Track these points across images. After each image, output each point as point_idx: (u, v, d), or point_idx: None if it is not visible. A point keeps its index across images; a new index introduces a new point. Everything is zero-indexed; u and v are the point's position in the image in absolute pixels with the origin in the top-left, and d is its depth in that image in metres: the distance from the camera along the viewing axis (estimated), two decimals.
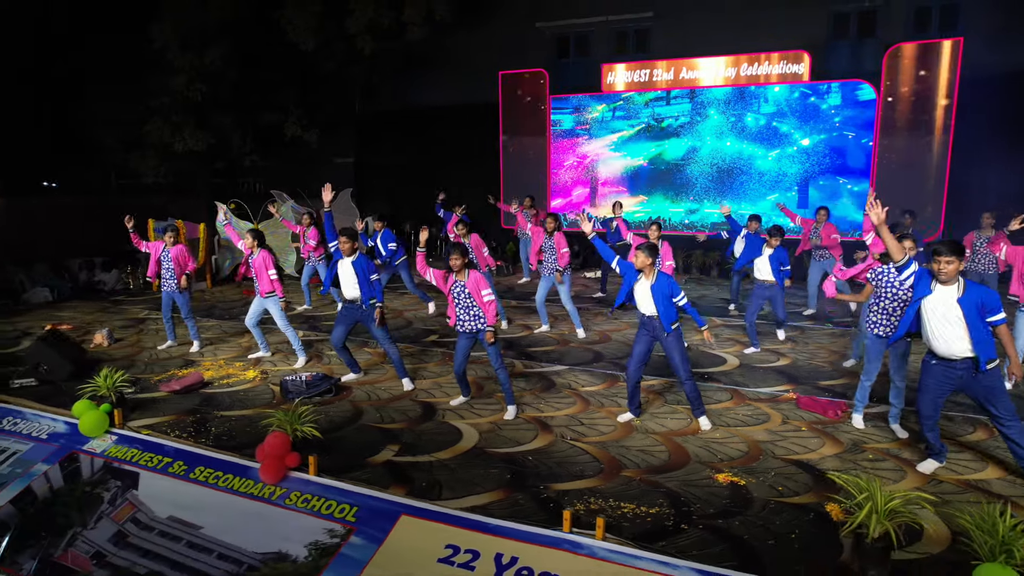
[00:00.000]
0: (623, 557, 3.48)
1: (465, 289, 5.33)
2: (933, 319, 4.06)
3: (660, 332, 5.02)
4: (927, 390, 4.17)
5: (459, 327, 5.43)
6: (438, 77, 17.31)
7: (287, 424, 4.52)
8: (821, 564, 3.34)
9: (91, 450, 5.00)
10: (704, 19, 14.77)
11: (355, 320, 6.13)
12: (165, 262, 7.38)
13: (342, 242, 5.94)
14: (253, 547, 3.86)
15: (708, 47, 13.82)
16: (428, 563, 3.60)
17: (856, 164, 12.52)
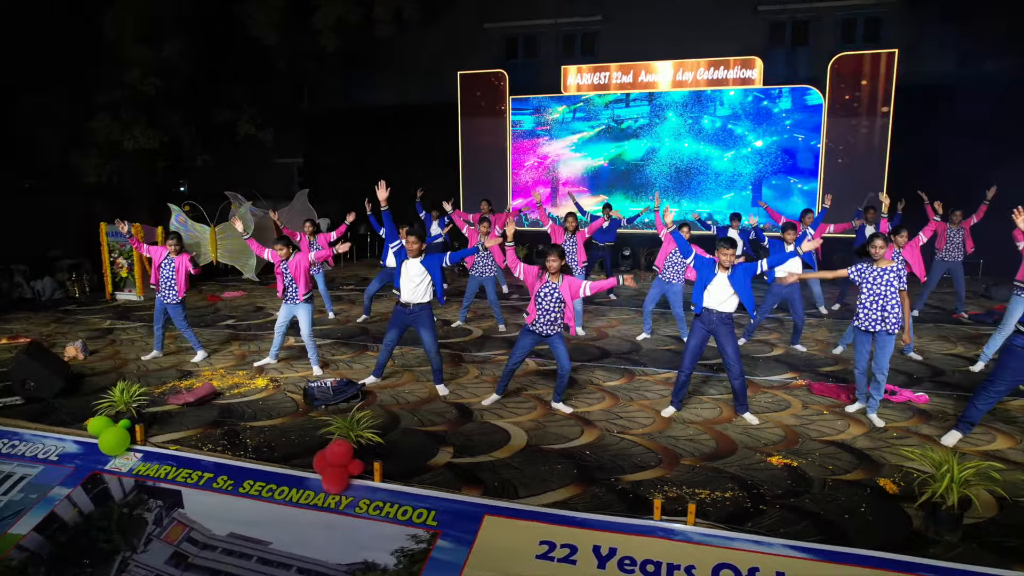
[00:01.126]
0: (718, 539, 3.63)
1: (557, 292, 5.28)
2: None
3: (718, 326, 5.16)
4: (1012, 371, 4.53)
5: (533, 327, 5.39)
6: (385, 76, 17.07)
7: (347, 431, 4.39)
8: (897, 533, 3.61)
9: (115, 469, 4.68)
10: (650, 24, 15.32)
11: (408, 324, 5.97)
12: (166, 270, 6.93)
13: (411, 242, 5.74)
14: (335, 559, 3.74)
15: (652, 51, 14.31)
16: (527, 561, 3.62)
17: (806, 165, 13.34)
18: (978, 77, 12.76)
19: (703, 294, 5.22)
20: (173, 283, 6.87)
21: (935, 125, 12.32)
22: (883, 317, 5.03)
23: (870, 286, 5.10)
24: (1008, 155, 11.55)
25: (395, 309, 6.01)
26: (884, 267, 5.05)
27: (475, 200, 14.35)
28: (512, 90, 15.21)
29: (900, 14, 14.75)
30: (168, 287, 6.87)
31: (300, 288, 6.43)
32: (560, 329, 5.37)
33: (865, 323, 5.12)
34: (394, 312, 6.03)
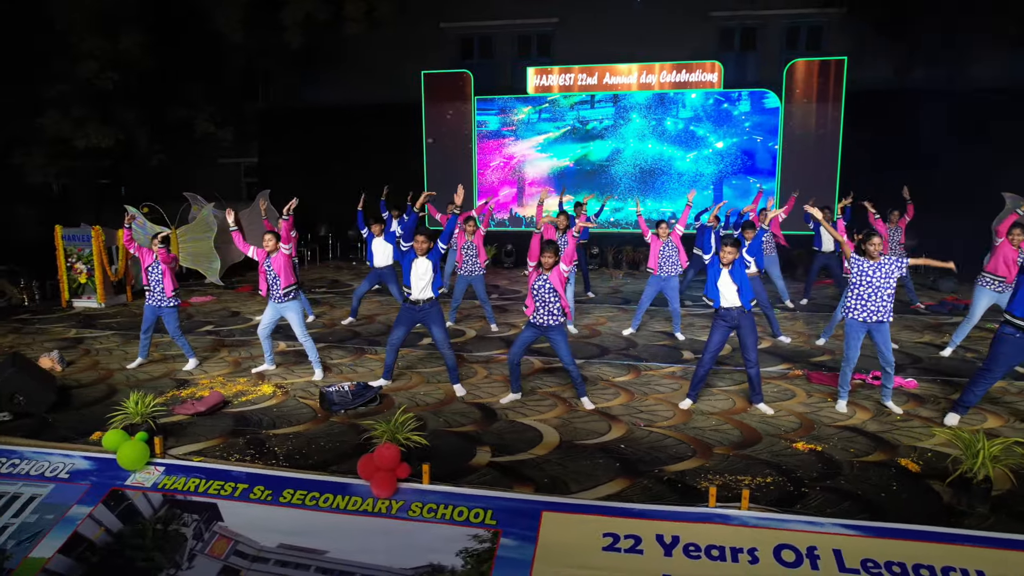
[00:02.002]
0: (772, 522, 3.81)
1: (548, 283, 5.42)
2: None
3: (739, 319, 5.37)
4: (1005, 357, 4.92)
5: (533, 319, 5.52)
6: (338, 76, 16.70)
7: (391, 435, 4.33)
8: (932, 508, 3.88)
9: (137, 484, 4.45)
10: (605, 28, 15.64)
11: (416, 321, 5.95)
12: (154, 273, 6.60)
13: (420, 240, 5.70)
14: (399, 564, 3.70)
15: (607, 54, 14.64)
16: (594, 554, 3.69)
17: (764, 165, 13.95)
18: (913, 84, 13.68)
19: (717, 293, 5.44)
20: (163, 287, 6.57)
21: (879, 129, 13.15)
22: (878, 308, 5.33)
23: (869, 279, 5.40)
24: (941, 155, 12.49)
25: (403, 308, 5.98)
26: (879, 261, 5.36)
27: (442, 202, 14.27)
28: (475, 91, 15.21)
29: (840, 24, 15.61)
30: (159, 291, 6.56)
31: (282, 281, 6.29)
32: (560, 320, 5.47)
33: (863, 314, 5.39)
34: (402, 311, 6.00)
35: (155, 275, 6.62)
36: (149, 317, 6.75)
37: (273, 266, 6.36)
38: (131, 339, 8.10)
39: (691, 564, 3.57)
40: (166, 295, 6.59)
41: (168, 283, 6.63)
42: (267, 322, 6.54)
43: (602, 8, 15.47)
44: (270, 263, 6.37)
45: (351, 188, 16.00)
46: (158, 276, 6.60)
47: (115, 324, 8.98)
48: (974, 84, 13.21)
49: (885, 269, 5.30)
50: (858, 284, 5.39)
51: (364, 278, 8.95)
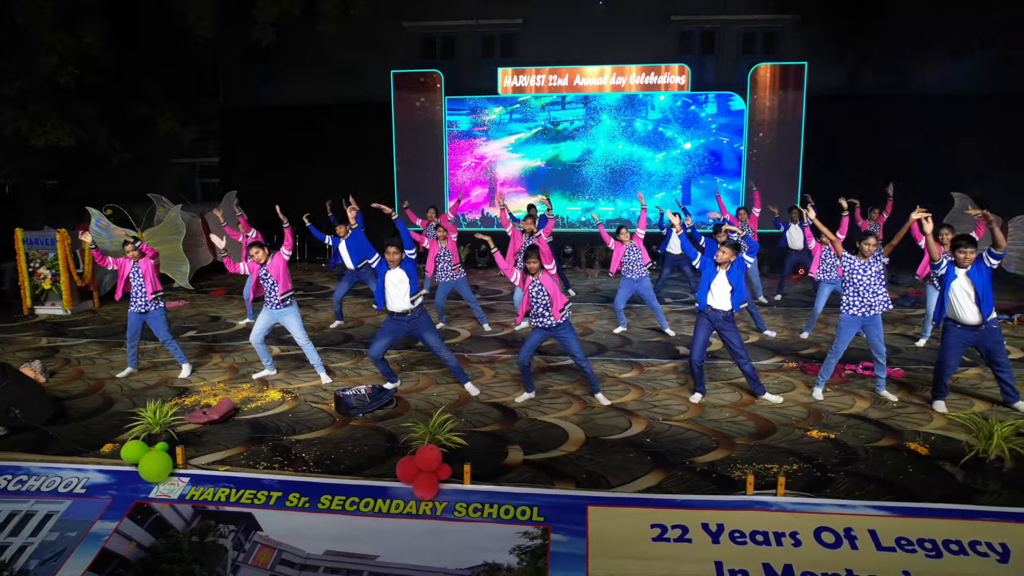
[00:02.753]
0: (808, 506, 4.00)
1: (543, 287, 5.49)
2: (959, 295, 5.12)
3: (722, 321, 5.57)
4: (954, 348, 5.26)
5: (536, 323, 5.58)
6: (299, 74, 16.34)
7: (431, 436, 4.33)
8: (948, 487, 4.16)
9: (163, 496, 4.30)
10: (567, 29, 15.86)
11: (402, 333, 5.91)
12: (135, 279, 6.36)
13: (391, 252, 5.67)
14: (454, 564, 3.72)
15: (570, 56, 14.89)
16: (645, 544, 3.79)
17: (730, 166, 14.43)
18: (865, 88, 14.41)
19: (707, 293, 5.62)
20: (145, 291, 6.35)
21: (836, 130, 13.81)
22: (873, 303, 5.64)
23: (860, 277, 5.68)
24: (894, 155, 13.22)
25: (389, 319, 5.91)
26: (869, 260, 5.65)
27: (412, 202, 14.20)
28: (446, 90, 15.17)
29: (793, 31, 16.25)
30: (141, 296, 6.34)
31: (280, 287, 6.17)
32: (561, 319, 5.56)
33: (862, 309, 5.69)
34: (388, 322, 5.92)
35: (136, 280, 6.39)
36: (134, 324, 6.50)
37: (271, 272, 6.21)
38: (110, 347, 7.77)
39: (739, 550, 3.72)
40: (147, 297, 6.37)
41: (149, 285, 6.41)
42: (259, 329, 6.38)
43: (565, 10, 15.65)
44: (267, 270, 6.21)
45: (317, 188, 15.72)
46: (140, 280, 6.37)
47: (88, 332, 8.57)
48: (920, 88, 14.04)
49: (875, 267, 5.60)
50: (850, 281, 5.67)
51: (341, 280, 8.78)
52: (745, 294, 5.63)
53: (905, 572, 3.52)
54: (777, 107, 14.18)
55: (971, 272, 5.08)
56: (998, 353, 5.17)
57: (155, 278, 6.54)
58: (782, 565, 3.60)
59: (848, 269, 5.69)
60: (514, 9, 16.61)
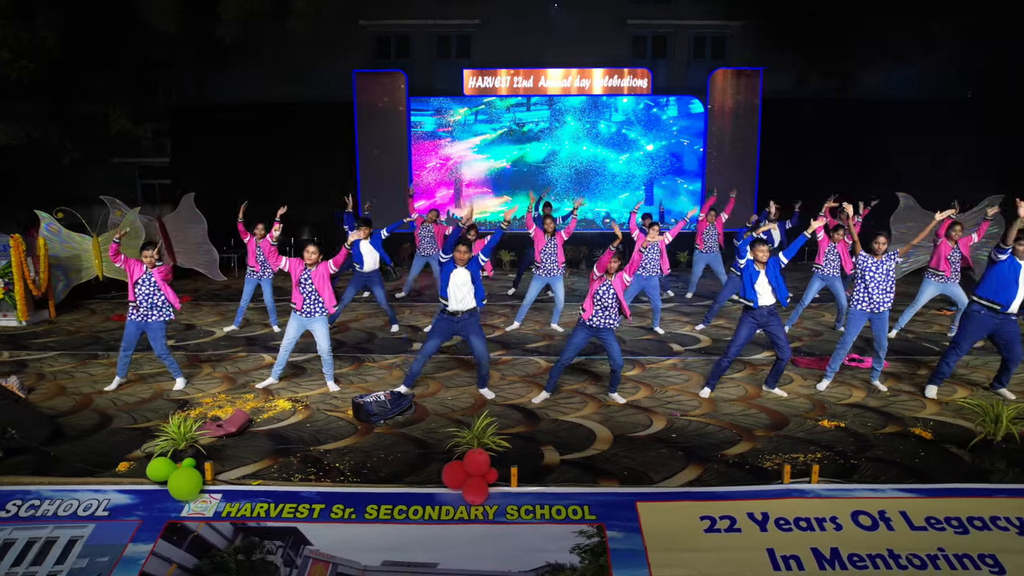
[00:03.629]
0: (841, 492, 4.24)
1: (612, 289, 5.57)
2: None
3: (768, 318, 5.71)
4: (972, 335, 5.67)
5: (590, 322, 5.67)
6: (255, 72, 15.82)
7: (477, 440, 4.32)
8: (960, 468, 4.48)
9: (197, 515, 4.12)
10: (523, 31, 16.00)
11: (452, 333, 5.89)
12: (145, 286, 6.01)
13: (461, 251, 5.66)
14: (517, 567, 3.73)
15: (524, 57, 15.02)
16: (699, 536, 3.92)
17: (691, 167, 14.90)
18: (812, 92, 15.18)
19: (755, 293, 5.68)
20: (155, 300, 6.03)
21: (790, 132, 14.48)
22: (884, 300, 5.96)
23: (872, 275, 5.96)
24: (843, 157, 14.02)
25: (441, 318, 5.91)
26: (881, 259, 5.97)
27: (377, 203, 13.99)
28: (409, 91, 15.02)
29: (742, 36, 16.92)
30: (150, 305, 6.01)
31: (325, 300, 6.01)
32: (614, 323, 5.68)
33: (872, 306, 5.89)
34: (439, 321, 5.93)
35: (146, 288, 6.04)
36: (132, 334, 6.16)
37: (314, 280, 6.00)
38: (83, 359, 7.33)
39: (787, 536, 3.90)
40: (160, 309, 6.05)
41: (169, 294, 6.09)
42: (293, 337, 6.18)
43: (522, 12, 15.73)
44: (308, 276, 5.99)
45: (275, 190, 15.26)
46: (150, 288, 6.03)
47: (53, 344, 8.03)
48: (865, 93, 14.94)
49: (886, 265, 5.91)
50: (862, 279, 5.95)
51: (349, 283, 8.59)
52: (787, 289, 5.79)
53: (940, 549, 3.78)
54: (734, 110, 14.74)
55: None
56: (1016, 343, 5.60)
57: (171, 292, 6.19)
58: (829, 548, 3.80)
59: (861, 267, 5.96)
60: (471, 10, 16.60)
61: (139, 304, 5.99)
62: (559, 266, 8.24)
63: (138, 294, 5.99)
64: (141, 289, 6.00)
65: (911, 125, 13.86)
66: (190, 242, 12.46)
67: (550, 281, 8.30)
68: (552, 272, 8.18)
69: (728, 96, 14.70)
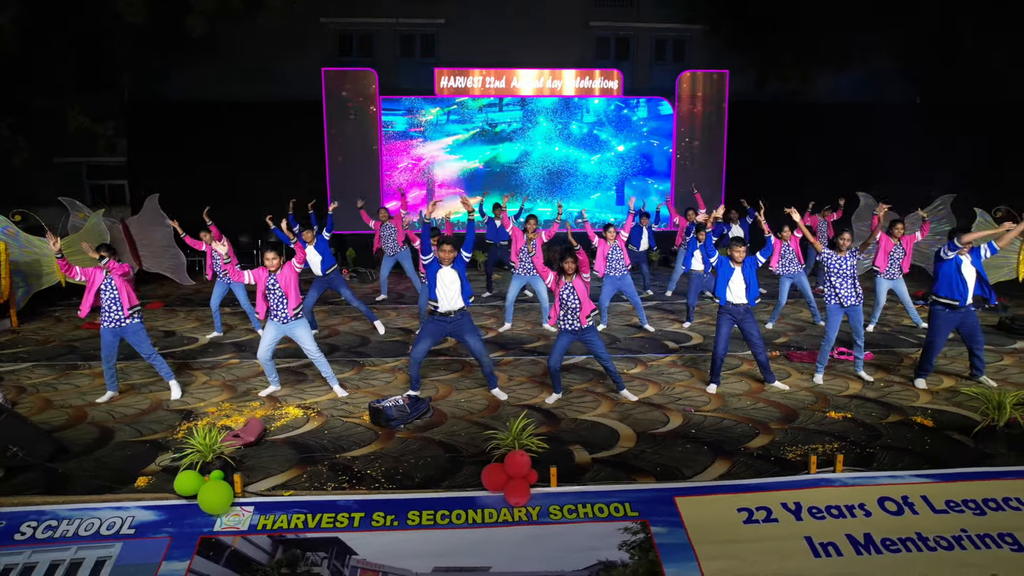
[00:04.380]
0: (864, 479, 4.43)
1: (574, 291, 5.62)
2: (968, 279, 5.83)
3: (744, 315, 5.95)
4: (943, 330, 5.98)
5: (567, 327, 5.70)
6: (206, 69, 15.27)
7: (515, 442, 4.32)
8: (967, 452, 4.75)
9: (230, 529, 3.98)
10: (488, 31, 16.02)
11: (443, 334, 5.85)
12: (107, 291, 5.75)
13: (446, 250, 5.59)
14: (570, 567, 3.75)
15: (489, 58, 15.02)
16: (738, 528, 4.03)
17: (660, 167, 15.22)
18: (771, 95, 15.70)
19: (725, 290, 5.97)
20: (119, 303, 5.79)
21: (753, 134, 14.97)
22: (854, 293, 6.26)
23: (838, 270, 6.27)
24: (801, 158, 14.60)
25: (432, 320, 5.87)
26: (845, 255, 6.26)
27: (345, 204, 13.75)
28: (381, 90, 14.81)
29: (702, 40, 17.34)
30: (115, 310, 5.77)
31: (291, 302, 5.87)
32: (587, 323, 5.73)
33: (841, 300, 6.21)
34: (429, 323, 5.89)
35: (109, 293, 5.80)
36: (110, 343, 5.90)
37: (280, 283, 5.85)
38: (63, 370, 6.95)
39: (821, 524, 4.05)
40: (123, 313, 5.81)
41: (124, 298, 5.84)
42: (268, 344, 6.01)
43: (487, 12, 15.71)
44: (275, 281, 5.85)
45: (239, 191, 14.80)
46: (113, 293, 5.79)
47: (23, 354, 7.59)
48: (820, 96, 15.59)
49: (850, 261, 6.21)
50: (829, 275, 6.23)
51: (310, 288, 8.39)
52: (758, 290, 6.04)
53: (963, 530, 4.00)
54: (701, 112, 15.12)
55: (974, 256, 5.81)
56: (978, 332, 5.95)
57: (131, 290, 5.97)
58: (862, 534, 3.97)
59: (827, 264, 6.26)
60: (436, 9, 16.48)
61: (107, 308, 5.76)
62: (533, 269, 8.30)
63: (104, 300, 5.75)
64: (106, 295, 5.75)
65: (867, 127, 14.54)
66: (155, 245, 11.96)
67: (530, 280, 8.38)
68: (531, 272, 8.25)
69: (695, 98, 15.07)
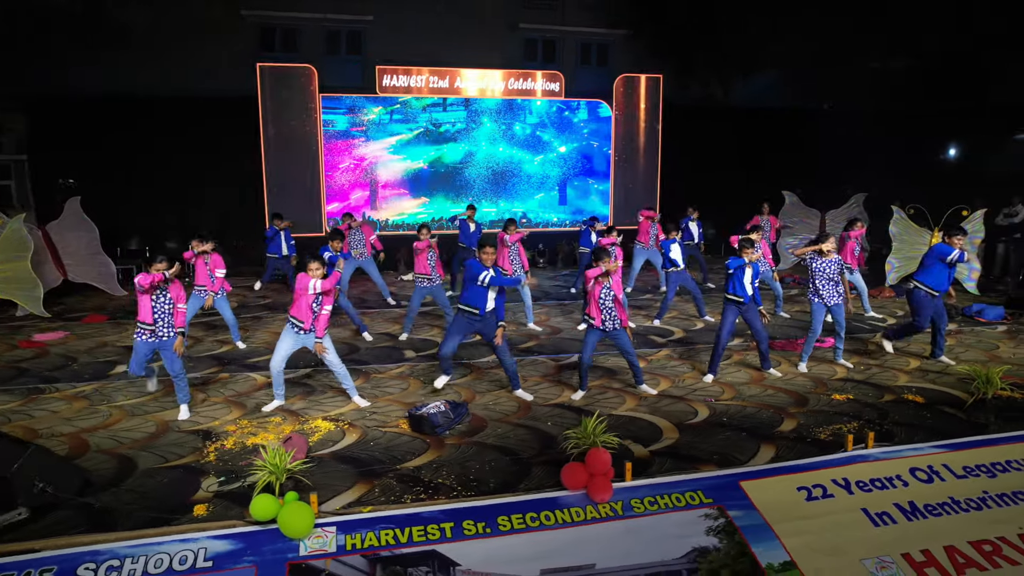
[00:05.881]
0: (892, 453, 4.90)
1: (611, 291, 5.78)
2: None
3: (749, 308, 6.37)
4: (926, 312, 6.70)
5: (602, 327, 5.87)
6: (128, 60, 14.09)
7: (591, 440, 4.40)
8: (963, 423, 5.37)
9: (318, 552, 3.80)
10: (416, 30, 15.93)
11: (472, 331, 5.83)
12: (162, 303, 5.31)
13: (488, 252, 5.56)
14: (670, 556, 3.91)
15: (416, 57, 14.93)
16: (802, 506, 4.35)
17: (600, 168, 15.70)
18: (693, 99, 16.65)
19: (745, 288, 6.35)
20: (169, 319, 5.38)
21: (685, 137, 15.80)
22: (837, 292, 6.87)
23: (822, 272, 6.85)
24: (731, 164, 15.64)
25: (459, 316, 5.93)
26: (831, 259, 6.86)
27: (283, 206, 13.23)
28: (321, 88, 14.26)
29: (624, 44, 18.01)
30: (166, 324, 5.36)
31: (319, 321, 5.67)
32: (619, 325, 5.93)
33: (829, 300, 6.80)
34: (458, 319, 5.95)
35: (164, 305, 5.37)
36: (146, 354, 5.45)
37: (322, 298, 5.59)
38: (20, 395, 6.21)
39: (870, 496, 4.45)
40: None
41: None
42: (284, 354, 5.72)
43: (415, 10, 15.54)
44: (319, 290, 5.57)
45: (162, 193, 13.76)
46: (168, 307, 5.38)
47: None
48: (738, 102, 16.76)
49: (834, 266, 6.81)
50: (814, 277, 6.77)
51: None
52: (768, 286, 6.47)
53: (985, 492, 4.54)
54: (637, 115, 15.75)
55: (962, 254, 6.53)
56: (945, 315, 6.74)
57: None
58: (907, 502, 4.41)
59: (811, 267, 6.82)
60: (364, 6, 16.08)
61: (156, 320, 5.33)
62: (523, 269, 8.46)
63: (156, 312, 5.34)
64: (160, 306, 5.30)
65: (786, 131, 15.80)
66: (81, 253, 10.98)
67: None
68: (514, 275, 8.39)
69: (631, 101, 15.67)
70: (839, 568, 3.84)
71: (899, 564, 3.88)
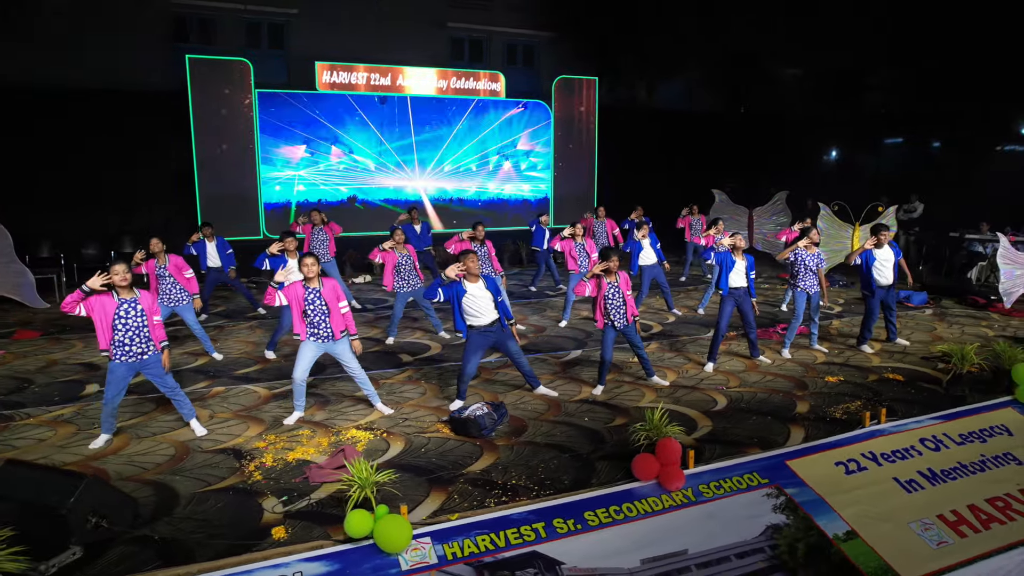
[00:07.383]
0: (901, 427, 5.43)
1: (619, 289, 5.96)
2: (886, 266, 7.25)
3: (743, 297, 6.80)
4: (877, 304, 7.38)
5: (615, 324, 6.04)
6: (27, 50, 12.70)
7: (657, 432, 4.55)
8: (943, 397, 6.02)
9: (420, 564, 3.69)
10: (341, 25, 15.58)
11: (489, 344, 5.76)
12: (134, 319, 4.79)
13: (472, 260, 5.58)
14: (749, 536, 4.13)
15: (342, 52, 14.65)
16: (844, 479, 4.74)
17: (541, 169, 15.95)
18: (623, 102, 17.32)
19: (728, 279, 6.81)
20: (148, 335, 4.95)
21: (620, 138, 16.40)
22: (814, 283, 7.47)
23: (805, 265, 7.43)
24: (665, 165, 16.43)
25: (473, 335, 5.78)
26: (813, 253, 7.46)
27: (217, 208, 12.50)
28: (256, 83, 13.50)
29: (548, 46, 18.35)
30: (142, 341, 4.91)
31: (332, 318, 5.43)
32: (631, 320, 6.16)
33: (808, 288, 7.39)
34: (473, 338, 5.77)
35: (136, 321, 4.88)
36: (125, 378, 4.91)
37: (325, 297, 5.34)
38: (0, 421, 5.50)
39: (897, 466, 4.92)
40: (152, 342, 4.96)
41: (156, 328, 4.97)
42: (307, 364, 5.44)
43: (342, 5, 15.11)
44: (320, 295, 5.32)
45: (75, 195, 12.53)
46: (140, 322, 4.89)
47: None
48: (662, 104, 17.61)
49: (816, 260, 7.41)
50: (799, 268, 7.38)
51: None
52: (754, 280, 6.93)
53: (981, 455, 5.15)
54: (574, 117, 16.15)
55: (893, 247, 7.23)
56: (894, 304, 7.54)
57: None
58: (927, 469, 4.92)
59: (799, 259, 7.35)
60: None
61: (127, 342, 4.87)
62: (496, 271, 8.47)
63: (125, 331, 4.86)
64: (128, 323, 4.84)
65: (710, 132, 16.79)
66: None
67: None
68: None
69: (568, 102, 16.03)
70: (892, 533, 4.22)
71: (938, 525, 4.34)
